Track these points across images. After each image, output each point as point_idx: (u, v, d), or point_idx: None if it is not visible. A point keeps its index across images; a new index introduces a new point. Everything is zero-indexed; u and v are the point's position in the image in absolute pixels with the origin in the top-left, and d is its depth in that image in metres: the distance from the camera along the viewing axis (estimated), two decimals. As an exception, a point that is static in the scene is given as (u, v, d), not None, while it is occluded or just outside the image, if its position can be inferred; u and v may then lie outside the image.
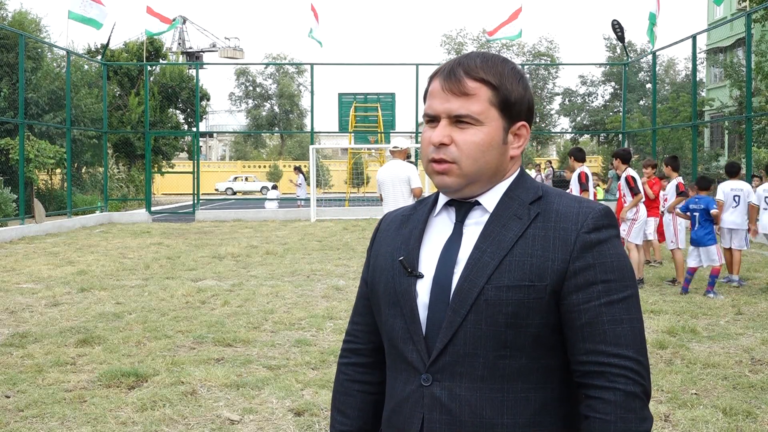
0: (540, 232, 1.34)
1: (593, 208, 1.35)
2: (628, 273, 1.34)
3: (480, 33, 51.23)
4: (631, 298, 1.32)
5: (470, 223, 1.40)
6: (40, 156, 20.33)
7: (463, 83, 1.36)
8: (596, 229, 1.33)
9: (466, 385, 1.31)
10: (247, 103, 62.27)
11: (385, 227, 1.54)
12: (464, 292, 1.32)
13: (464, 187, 1.38)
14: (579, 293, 1.30)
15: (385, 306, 1.43)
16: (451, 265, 1.36)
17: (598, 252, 1.32)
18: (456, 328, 1.32)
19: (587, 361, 1.29)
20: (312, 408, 4.66)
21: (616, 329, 1.29)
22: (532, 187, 1.41)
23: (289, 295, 8.77)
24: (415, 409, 1.35)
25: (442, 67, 1.41)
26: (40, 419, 4.50)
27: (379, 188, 8.79)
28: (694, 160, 19.88)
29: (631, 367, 1.27)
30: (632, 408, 1.26)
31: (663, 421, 4.46)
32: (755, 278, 9.84)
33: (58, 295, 8.78)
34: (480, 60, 1.39)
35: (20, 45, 17.69)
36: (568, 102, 50.66)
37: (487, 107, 1.37)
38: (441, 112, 1.38)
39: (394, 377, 1.42)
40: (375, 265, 1.50)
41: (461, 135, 1.36)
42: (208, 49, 58.93)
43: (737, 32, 28.75)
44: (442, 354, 1.33)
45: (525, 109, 1.41)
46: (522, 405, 1.31)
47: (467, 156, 1.36)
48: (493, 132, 1.37)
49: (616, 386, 1.26)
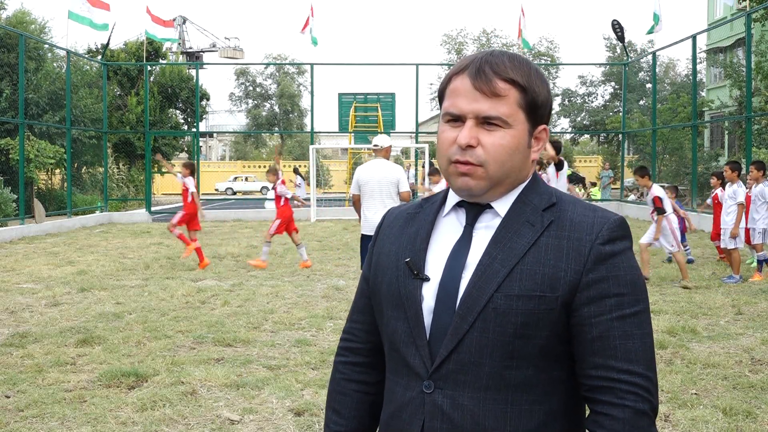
0: (553, 242, 1.29)
1: (608, 219, 1.31)
2: (641, 286, 1.30)
3: (480, 33, 51.23)
4: (643, 312, 1.29)
5: (480, 227, 1.35)
6: (40, 156, 20.34)
7: (494, 83, 1.30)
8: (611, 241, 1.29)
9: (470, 395, 1.28)
10: (247, 103, 62.22)
11: (389, 224, 1.49)
12: (472, 299, 1.28)
13: (487, 190, 1.33)
14: (591, 306, 1.27)
15: (387, 307, 1.39)
16: (459, 270, 1.32)
17: (612, 264, 1.28)
18: (462, 335, 1.28)
19: (596, 375, 1.27)
20: (312, 408, 4.66)
21: (627, 344, 1.26)
22: (546, 193, 1.36)
23: (289, 295, 8.77)
24: (415, 415, 1.32)
25: (466, 65, 1.34)
26: (40, 419, 4.50)
27: (357, 188, 7.78)
28: (694, 160, 19.88)
29: (640, 384, 1.25)
30: (640, 426, 1.23)
31: (663, 421, 4.46)
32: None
33: (58, 295, 8.78)
34: (508, 59, 1.33)
35: (20, 45, 17.69)
36: (568, 102, 50.62)
37: (515, 109, 1.31)
38: (468, 112, 1.31)
39: (394, 381, 1.38)
40: (378, 263, 1.45)
41: (489, 137, 1.31)
42: (208, 49, 58.86)
43: (737, 32, 28.75)
44: (445, 361, 1.29)
45: (548, 112, 1.37)
46: (526, 417, 1.28)
47: (494, 159, 1.31)
48: (519, 135, 1.32)
49: (625, 403, 1.24)
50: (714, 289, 8.99)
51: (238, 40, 59.78)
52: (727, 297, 8.50)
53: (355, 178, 7.85)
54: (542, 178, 15.24)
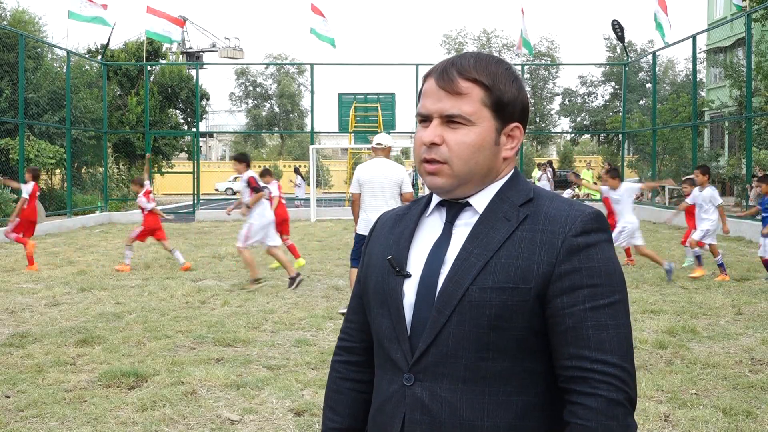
0: (527, 235, 1.32)
1: (583, 211, 1.34)
2: (617, 278, 1.32)
3: (480, 33, 51.22)
4: (619, 303, 1.30)
5: (460, 224, 1.39)
6: (40, 156, 20.32)
7: (456, 83, 1.35)
8: (584, 233, 1.31)
9: (448, 386, 1.31)
10: (247, 103, 62.27)
11: (380, 226, 1.54)
12: (449, 293, 1.31)
13: (455, 187, 1.38)
14: (563, 297, 1.29)
15: (374, 305, 1.43)
16: (438, 266, 1.35)
17: (585, 256, 1.30)
18: (439, 328, 1.31)
19: (570, 366, 1.28)
20: (312, 408, 4.66)
21: (600, 335, 1.27)
22: (524, 189, 1.40)
23: (289, 295, 8.77)
24: (397, 408, 1.35)
25: (436, 67, 1.40)
26: (40, 419, 4.50)
27: (358, 187, 7.46)
28: (693, 160, 19.88)
29: (614, 373, 1.26)
30: (614, 415, 1.24)
31: (663, 421, 4.46)
32: (755, 278, 9.84)
33: (58, 295, 8.78)
34: (473, 60, 1.38)
35: (20, 45, 17.69)
36: (568, 102, 50.64)
37: (479, 107, 1.36)
38: (433, 112, 1.37)
39: (380, 376, 1.42)
40: (368, 263, 1.50)
41: (452, 135, 1.36)
42: (208, 49, 58.88)
43: (737, 32, 28.74)
44: (424, 354, 1.32)
45: (519, 110, 1.40)
46: (503, 408, 1.30)
47: (458, 156, 1.35)
48: (484, 133, 1.36)
49: (599, 392, 1.25)
50: (714, 289, 8.99)
51: (238, 40, 59.81)
52: (727, 297, 8.50)
53: (355, 176, 7.53)
54: (543, 177, 15.19)
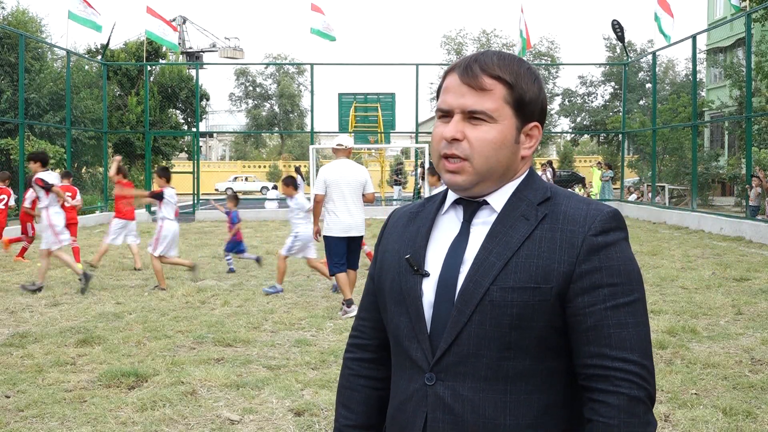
0: (547, 234, 1.33)
1: (601, 211, 1.34)
2: (636, 277, 1.33)
3: (480, 33, 51.23)
4: (638, 302, 1.31)
5: (478, 223, 1.39)
6: (40, 156, 20.30)
7: (480, 79, 1.35)
8: (604, 232, 1.32)
9: (470, 385, 1.32)
10: (247, 103, 62.26)
11: (393, 224, 1.53)
12: (469, 293, 1.32)
13: (475, 185, 1.37)
14: (584, 296, 1.30)
15: (390, 303, 1.43)
16: (457, 265, 1.35)
17: (605, 255, 1.31)
18: (460, 328, 1.32)
19: (591, 364, 1.29)
20: (312, 408, 4.66)
21: (621, 333, 1.28)
22: (541, 188, 1.40)
23: (289, 295, 8.77)
24: (418, 407, 1.36)
25: (458, 63, 1.40)
26: (40, 419, 4.50)
27: (324, 188, 7.53)
28: (694, 160, 19.88)
29: (635, 371, 1.27)
30: (636, 413, 1.26)
31: (663, 421, 4.46)
32: (755, 278, 9.83)
33: (58, 295, 8.78)
34: (497, 58, 1.38)
35: (20, 45, 17.69)
36: (568, 102, 50.62)
37: (501, 105, 1.36)
38: (455, 107, 1.36)
39: (398, 375, 1.42)
40: (382, 261, 1.49)
41: (474, 131, 1.35)
42: (208, 49, 58.86)
43: (737, 32, 28.74)
44: (446, 354, 1.33)
45: (538, 109, 1.41)
46: (525, 406, 1.31)
47: (479, 153, 1.35)
48: (506, 130, 1.36)
49: (620, 390, 1.26)
50: (714, 289, 8.99)
51: (238, 40, 59.81)
52: (727, 297, 8.49)
53: (321, 177, 7.61)
54: (543, 177, 15.34)
